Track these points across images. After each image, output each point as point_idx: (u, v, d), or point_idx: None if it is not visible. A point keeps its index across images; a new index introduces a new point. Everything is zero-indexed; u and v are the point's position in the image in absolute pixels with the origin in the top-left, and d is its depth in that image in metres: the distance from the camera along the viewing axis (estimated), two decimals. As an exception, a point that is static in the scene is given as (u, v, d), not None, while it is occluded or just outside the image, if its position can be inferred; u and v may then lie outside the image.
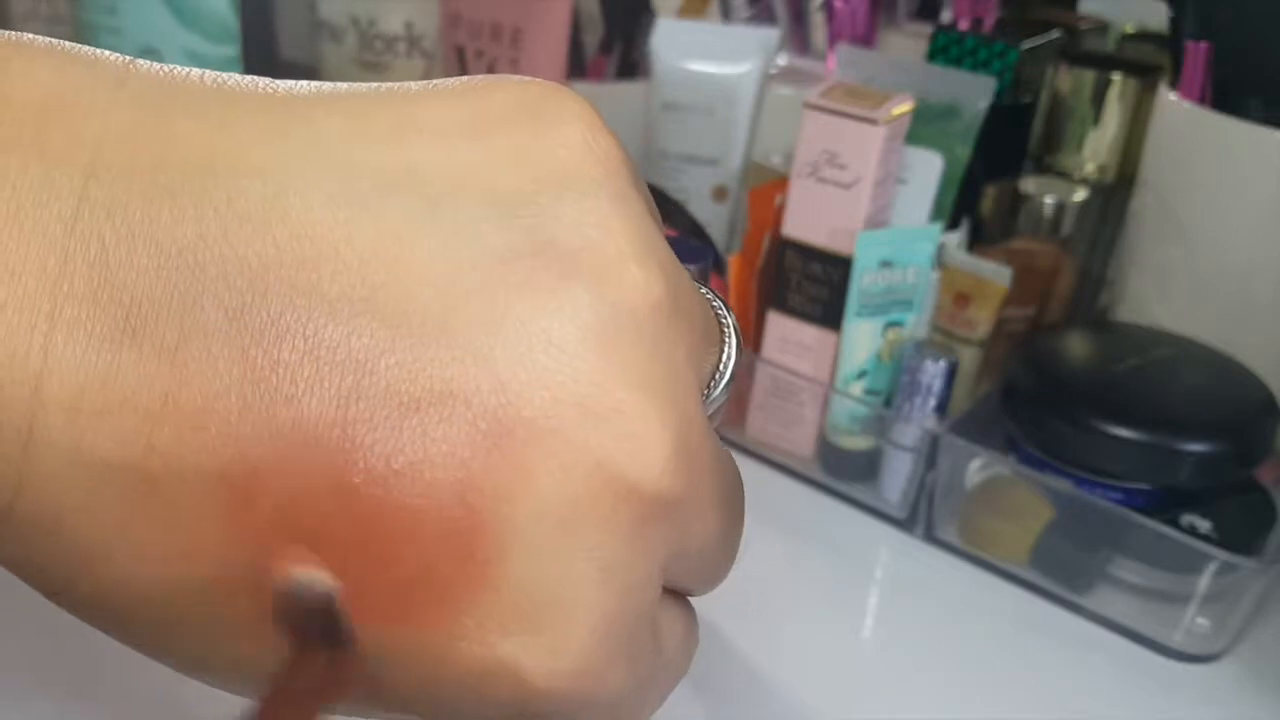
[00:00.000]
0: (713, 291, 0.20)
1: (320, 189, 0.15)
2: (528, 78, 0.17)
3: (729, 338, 0.19)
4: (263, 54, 0.76)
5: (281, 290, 0.14)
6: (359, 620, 0.15)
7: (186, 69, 0.16)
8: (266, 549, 0.14)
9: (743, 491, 0.19)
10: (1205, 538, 0.40)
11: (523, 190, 0.16)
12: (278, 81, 0.16)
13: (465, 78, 0.17)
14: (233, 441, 0.14)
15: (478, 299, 0.15)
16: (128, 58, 0.16)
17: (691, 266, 0.41)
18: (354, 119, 0.16)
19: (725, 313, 0.19)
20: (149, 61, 0.16)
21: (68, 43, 0.15)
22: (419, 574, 0.15)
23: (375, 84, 0.17)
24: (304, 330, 0.14)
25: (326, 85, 0.16)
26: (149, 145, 0.15)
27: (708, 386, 0.19)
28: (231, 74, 0.16)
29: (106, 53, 0.15)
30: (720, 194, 0.62)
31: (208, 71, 0.16)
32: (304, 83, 0.16)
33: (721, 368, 0.19)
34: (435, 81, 0.17)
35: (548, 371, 0.15)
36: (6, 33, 0.15)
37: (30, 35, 0.15)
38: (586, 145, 0.16)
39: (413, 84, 0.17)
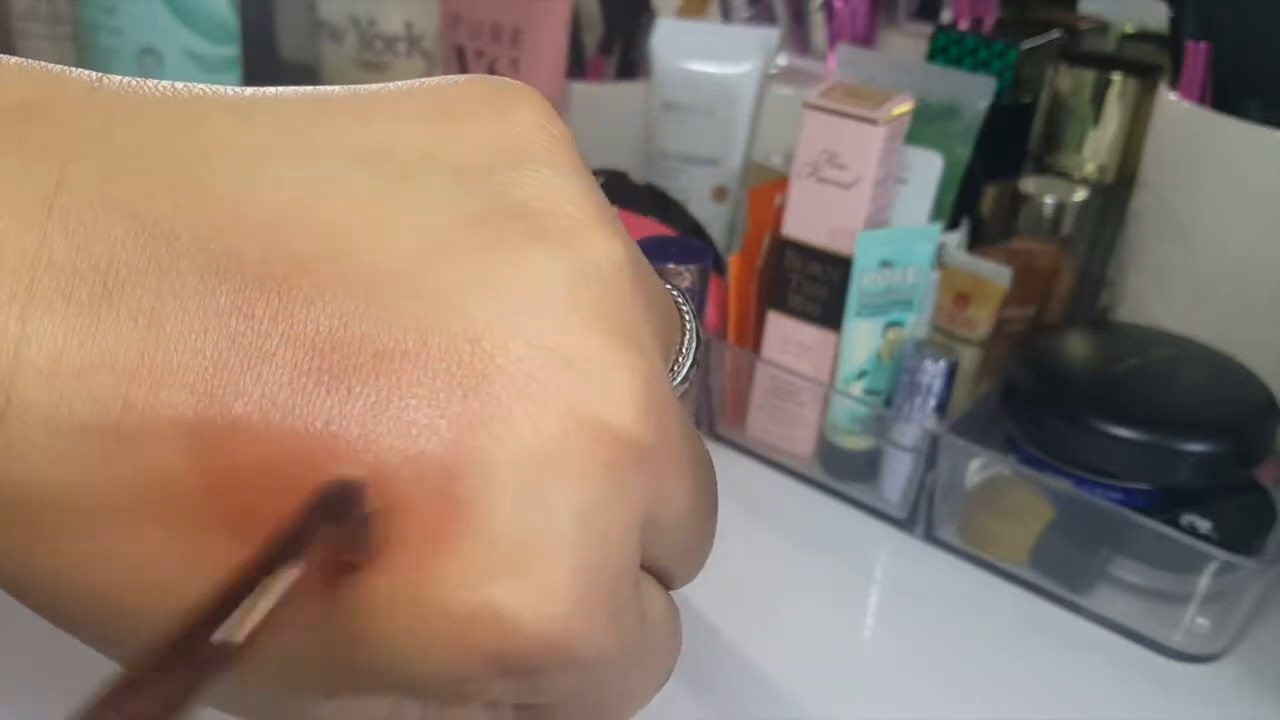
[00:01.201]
0: (673, 285, 0.20)
1: (289, 166, 0.16)
2: (481, 74, 0.18)
3: (689, 327, 0.19)
4: (263, 54, 0.76)
5: (255, 253, 0.15)
6: (343, 572, 0.15)
7: (155, 80, 0.17)
8: (243, 498, 0.14)
9: (714, 472, 0.19)
10: (1205, 538, 0.40)
11: (484, 164, 0.17)
12: (242, 88, 0.17)
13: (422, 78, 0.18)
14: (208, 395, 0.14)
15: (449, 258, 0.15)
16: (98, 73, 0.16)
17: (691, 266, 0.41)
18: (318, 110, 0.17)
19: (684, 303, 0.20)
20: (117, 76, 0.16)
21: (38, 61, 0.16)
22: (400, 517, 0.15)
23: (336, 86, 0.18)
24: (277, 289, 0.15)
25: (289, 88, 0.17)
26: (122, 135, 0.15)
27: (671, 369, 0.19)
28: (198, 83, 0.17)
29: (76, 69, 0.16)
30: (720, 194, 0.62)
31: (175, 82, 0.17)
32: (268, 87, 0.17)
33: (684, 353, 0.19)
34: (394, 82, 0.18)
35: (519, 322, 0.15)
36: None
37: (2, 54, 0.16)
38: (541, 125, 0.17)
39: (372, 84, 0.18)
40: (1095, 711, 0.39)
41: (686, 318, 0.20)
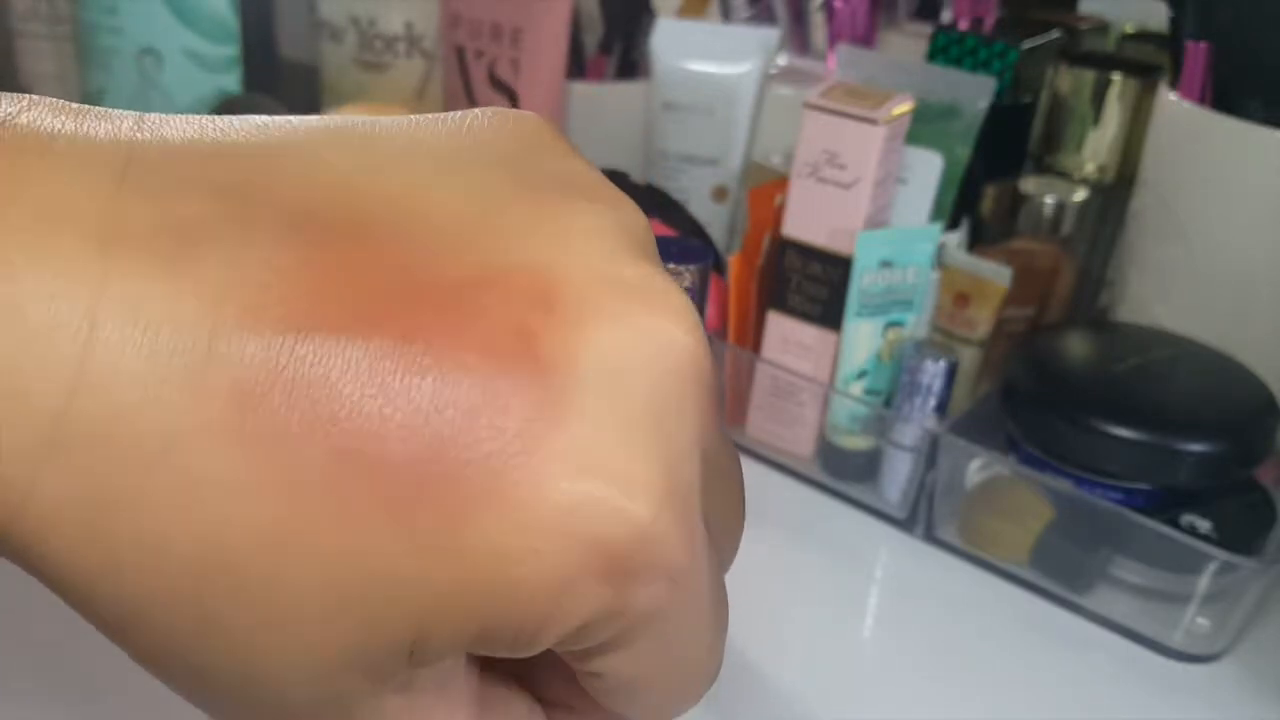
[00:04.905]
0: None
1: (344, 156, 0.17)
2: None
3: None
4: (263, 54, 0.76)
5: (330, 214, 0.16)
6: (447, 494, 0.15)
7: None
8: (331, 424, 0.15)
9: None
10: (1205, 538, 0.41)
11: (513, 152, 0.19)
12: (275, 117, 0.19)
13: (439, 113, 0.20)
14: (295, 318, 0.15)
15: (505, 209, 0.17)
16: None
17: (691, 266, 0.41)
18: (359, 123, 0.19)
19: None
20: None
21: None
22: (496, 426, 0.15)
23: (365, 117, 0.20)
24: (356, 236, 0.16)
25: (325, 116, 0.19)
26: (181, 130, 0.17)
27: None
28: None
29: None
30: (720, 194, 0.62)
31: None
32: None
33: None
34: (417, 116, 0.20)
35: (581, 255, 0.17)
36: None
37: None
38: (550, 128, 0.20)
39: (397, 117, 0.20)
40: (1095, 711, 0.39)
41: None
